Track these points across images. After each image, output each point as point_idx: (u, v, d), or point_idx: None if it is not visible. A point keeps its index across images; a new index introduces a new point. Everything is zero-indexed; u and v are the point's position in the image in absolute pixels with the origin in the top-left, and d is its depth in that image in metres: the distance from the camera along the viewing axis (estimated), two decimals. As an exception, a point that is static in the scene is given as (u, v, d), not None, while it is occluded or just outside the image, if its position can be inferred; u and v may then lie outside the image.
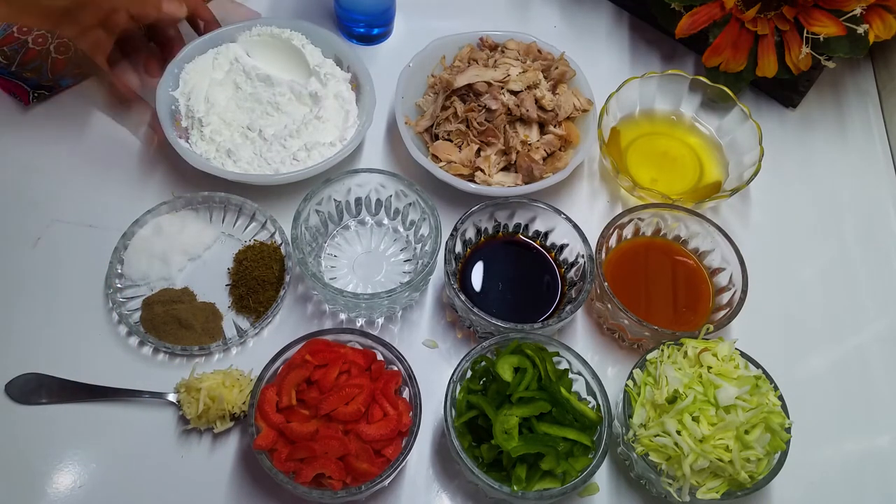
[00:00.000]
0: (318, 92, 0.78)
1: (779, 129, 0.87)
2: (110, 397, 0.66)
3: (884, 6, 0.76)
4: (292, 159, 0.74)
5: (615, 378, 0.70)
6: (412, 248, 0.74)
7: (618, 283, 0.70)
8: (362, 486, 0.57)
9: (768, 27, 0.79)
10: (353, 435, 0.58)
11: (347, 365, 0.61)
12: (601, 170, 0.83)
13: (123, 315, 0.68)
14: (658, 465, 0.59)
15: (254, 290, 0.70)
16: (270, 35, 0.81)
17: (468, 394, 0.61)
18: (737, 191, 0.75)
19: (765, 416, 0.58)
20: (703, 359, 0.61)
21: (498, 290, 0.70)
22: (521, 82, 0.77)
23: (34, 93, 0.80)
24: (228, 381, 0.63)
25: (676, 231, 0.74)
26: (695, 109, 0.83)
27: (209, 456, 0.64)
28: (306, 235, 0.69)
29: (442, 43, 0.82)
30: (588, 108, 0.80)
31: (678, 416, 0.58)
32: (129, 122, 0.80)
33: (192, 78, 0.77)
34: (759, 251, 0.75)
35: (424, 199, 0.70)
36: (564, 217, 0.70)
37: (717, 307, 0.70)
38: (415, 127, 0.79)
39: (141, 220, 0.73)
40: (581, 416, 0.60)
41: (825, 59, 0.79)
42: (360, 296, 0.65)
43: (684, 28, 0.81)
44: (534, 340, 0.63)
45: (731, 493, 0.58)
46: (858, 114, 0.89)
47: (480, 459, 0.59)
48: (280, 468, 0.57)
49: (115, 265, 0.71)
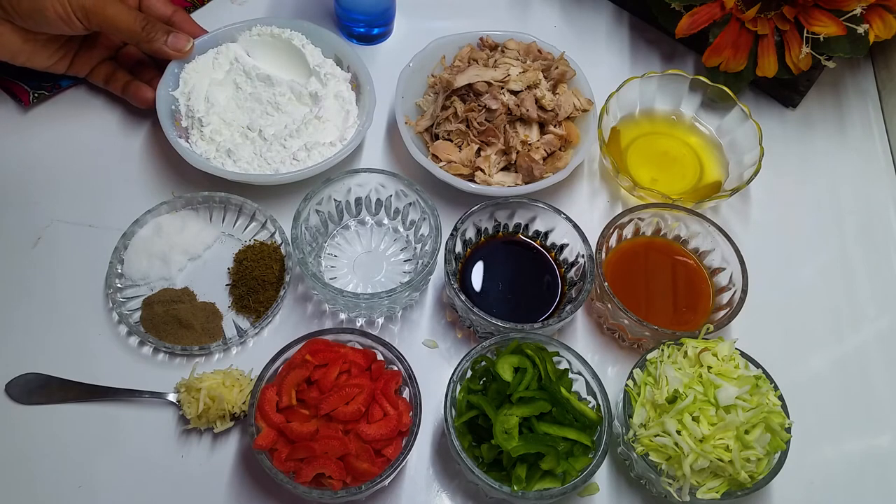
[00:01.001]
0: (318, 92, 0.78)
1: (779, 129, 0.87)
2: (110, 397, 0.66)
3: (884, 6, 0.76)
4: (292, 159, 0.74)
5: (615, 378, 0.70)
6: (412, 247, 0.74)
7: (618, 282, 0.70)
8: (362, 485, 0.57)
9: (768, 27, 0.79)
10: (353, 435, 0.58)
11: (347, 365, 0.61)
12: (601, 170, 0.83)
13: (123, 315, 0.68)
14: (658, 465, 0.59)
15: (254, 289, 0.70)
16: (270, 35, 0.81)
17: (468, 394, 0.61)
18: (737, 191, 0.75)
19: (765, 415, 0.58)
20: (703, 359, 0.61)
21: (498, 289, 0.70)
22: (522, 82, 0.77)
23: (34, 93, 0.80)
24: (228, 380, 0.63)
25: (676, 231, 0.74)
26: (695, 109, 0.83)
27: (209, 456, 0.64)
28: (306, 235, 0.69)
29: (442, 43, 0.82)
30: (588, 107, 0.80)
31: (678, 415, 0.58)
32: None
33: (192, 78, 0.77)
34: (759, 251, 0.75)
35: (424, 198, 0.70)
36: (564, 217, 0.70)
37: (717, 307, 0.70)
38: (415, 127, 0.79)
39: (141, 220, 0.73)
40: (581, 415, 0.60)
41: (825, 59, 0.79)
42: (360, 296, 0.65)
43: (684, 28, 0.80)
44: (534, 340, 0.63)
45: (731, 493, 0.58)
46: (858, 114, 0.89)
47: (480, 459, 0.59)
48: (280, 468, 0.57)
49: (115, 265, 0.71)
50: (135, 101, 0.79)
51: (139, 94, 0.78)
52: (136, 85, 0.79)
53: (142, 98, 0.78)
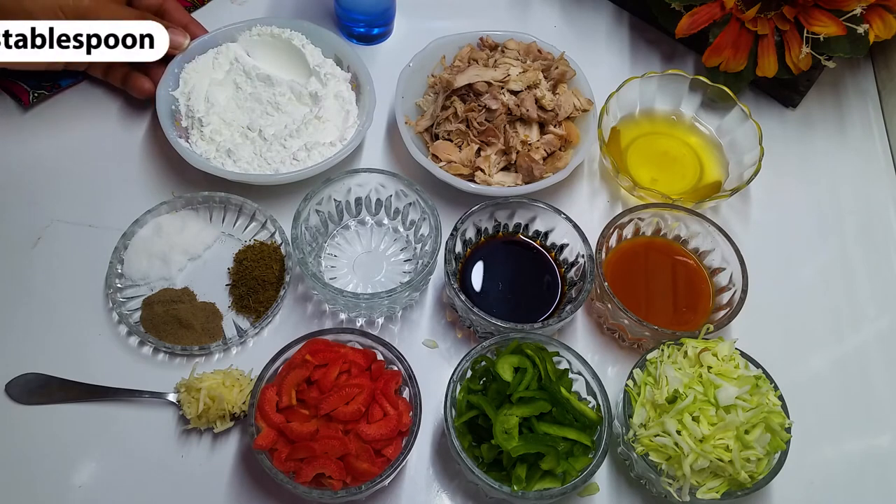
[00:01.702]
0: (318, 92, 0.78)
1: (779, 129, 0.87)
2: (110, 397, 0.66)
3: (884, 6, 0.76)
4: (292, 159, 0.74)
5: (615, 378, 0.70)
6: (412, 247, 0.74)
7: (618, 282, 0.70)
8: (362, 485, 0.57)
9: (768, 27, 0.79)
10: (353, 435, 0.58)
11: (347, 365, 0.61)
12: (601, 170, 0.83)
13: (123, 315, 0.68)
14: (658, 465, 0.59)
15: (254, 289, 0.70)
16: (270, 35, 0.81)
17: (468, 394, 0.61)
18: (737, 191, 0.75)
19: (765, 415, 0.58)
20: (703, 359, 0.61)
21: (498, 289, 0.70)
22: (522, 82, 0.77)
23: (34, 93, 0.80)
24: (228, 380, 0.63)
25: (676, 231, 0.74)
26: (695, 109, 0.83)
27: (209, 456, 0.64)
28: (306, 235, 0.69)
29: (442, 43, 0.82)
30: (588, 107, 0.80)
31: (678, 415, 0.58)
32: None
33: (192, 78, 0.77)
34: (759, 251, 0.75)
35: (424, 198, 0.70)
36: (564, 217, 0.70)
37: (717, 307, 0.70)
38: (415, 127, 0.79)
39: (141, 220, 0.73)
40: (581, 415, 0.60)
41: (825, 59, 0.79)
42: (360, 296, 0.65)
43: (684, 28, 0.81)
44: (534, 340, 0.63)
45: (731, 493, 0.58)
46: (858, 113, 0.89)
47: (480, 459, 0.59)
48: (280, 468, 0.57)
49: (115, 265, 0.71)
50: (134, 92, 0.79)
51: (138, 85, 0.78)
52: (135, 76, 0.78)
53: (140, 88, 0.78)
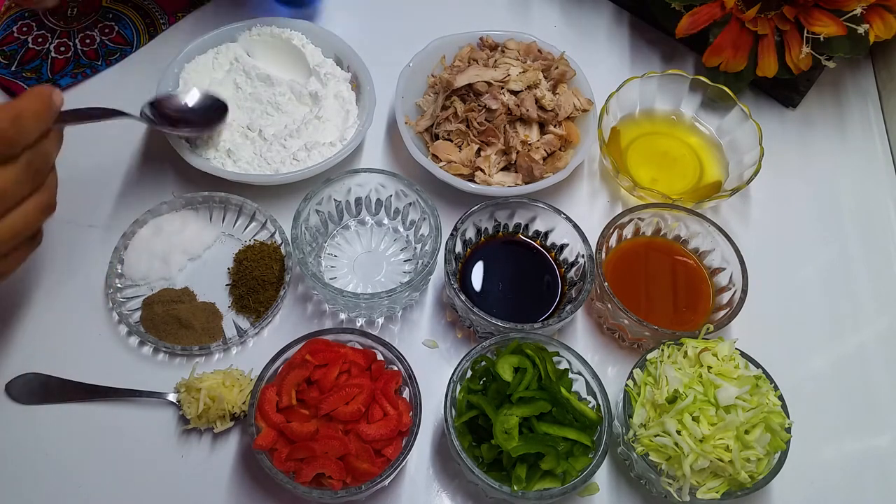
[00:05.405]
0: (318, 92, 0.78)
1: (779, 129, 0.87)
2: (110, 397, 0.66)
3: (884, 6, 0.76)
4: (292, 159, 0.74)
5: (615, 378, 0.70)
6: (412, 247, 0.74)
7: (618, 282, 0.70)
8: (362, 485, 0.57)
9: (768, 27, 0.79)
10: (353, 435, 0.58)
11: (347, 365, 0.61)
12: (601, 170, 0.83)
13: (123, 315, 0.68)
14: (658, 465, 0.59)
15: (254, 289, 0.70)
16: (270, 35, 0.81)
17: (468, 393, 0.61)
18: (737, 190, 0.75)
19: (765, 416, 0.58)
20: (703, 359, 0.61)
21: (498, 289, 0.70)
22: (522, 82, 0.77)
23: (34, 93, 0.80)
24: (228, 380, 0.63)
25: (676, 231, 0.74)
26: (695, 109, 0.83)
27: (209, 456, 0.64)
28: (306, 235, 0.69)
29: (442, 43, 0.82)
30: (588, 107, 0.80)
31: (678, 415, 0.58)
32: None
33: (192, 78, 0.77)
34: (759, 251, 0.75)
35: (424, 198, 0.70)
36: (564, 217, 0.70)
37: (717, 307, 0.70)
38: (415, 127, 0.79)
39: (141, 220, 0.73)
40: (581, 415, 0.60)
41: (825, 59, 0.79)
42: (360, 296, 0.65)
43: (684, 28, 0.81)
44: (534, 340, 0.63)
45: (731, 493, 0.58)
46: (858, 113, 0.89)
47: (480, 459, 0.59)
48: (280, 468, 0.57)
49: (115, 265, 0.71)
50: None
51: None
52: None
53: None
